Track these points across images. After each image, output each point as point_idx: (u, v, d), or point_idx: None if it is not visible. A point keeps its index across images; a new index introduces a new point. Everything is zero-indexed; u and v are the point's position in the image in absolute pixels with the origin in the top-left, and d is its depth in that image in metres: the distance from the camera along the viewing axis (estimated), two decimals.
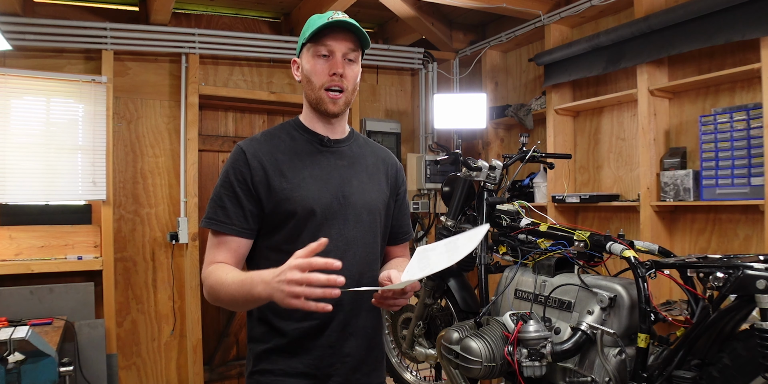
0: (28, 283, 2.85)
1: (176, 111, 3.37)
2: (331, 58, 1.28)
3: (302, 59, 1.33)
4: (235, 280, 1.15)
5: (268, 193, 1.26)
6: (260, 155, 1.29)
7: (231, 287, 1.15)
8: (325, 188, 1.30)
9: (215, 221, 1.26)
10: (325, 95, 1.29)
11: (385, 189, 1.43)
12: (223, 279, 1.18)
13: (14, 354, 1.88)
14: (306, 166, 1.31)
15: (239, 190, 1.26)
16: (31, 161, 2.87)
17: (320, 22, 1.27)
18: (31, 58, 3.02)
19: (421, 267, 1.17)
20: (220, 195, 1.27)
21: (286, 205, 1.26)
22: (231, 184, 1.27)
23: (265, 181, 1.26)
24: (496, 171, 2.17)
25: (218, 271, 1.21)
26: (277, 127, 1.39)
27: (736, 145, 2.36)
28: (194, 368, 3.29)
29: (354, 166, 1.37)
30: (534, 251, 1.91)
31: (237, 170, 1.27)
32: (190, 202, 3.32)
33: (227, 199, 1.26)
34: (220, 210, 1.26)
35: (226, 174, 1.28)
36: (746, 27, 2.27)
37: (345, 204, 1.31)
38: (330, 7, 3.15)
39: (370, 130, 3.87)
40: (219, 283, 1.18)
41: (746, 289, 1.29)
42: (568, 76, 3.12)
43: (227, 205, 1.26)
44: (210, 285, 1.22)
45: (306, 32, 1.30)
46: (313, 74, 1.29)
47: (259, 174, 1.26)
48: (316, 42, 1.28)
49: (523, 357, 1.61)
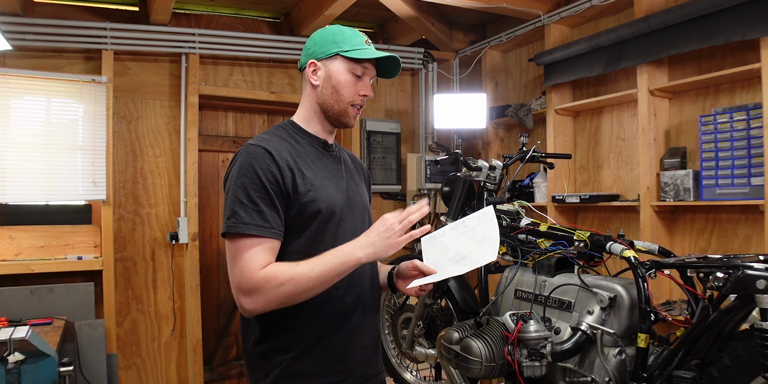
0: (28, 283, 2.85)
1: (176, 111, 3.37)
2: (363, 79, 1.34)
3: (331, 67, 1.33)
4: (318, 264, 1.17)
5: (296, 193, 1.24)
6: (284, 155, 1.26)
7: (315, 271, 1.16)
8: (337, 189, 1.34)
9: (253, 226, 1.18)
10: (352, 110, 1.35)
11: (366, 190, 1.51)
12: (299, 270, 1.16)
13: (14, 354, 1.87)
14: (318, 167, 1.33)
15: (272, 192, 1.21)
16: (31, 161, 2.87)
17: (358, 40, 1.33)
18: (31, 58, 3.02)
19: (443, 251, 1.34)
20: (252, 197, 1.19)
21: (312, 206, 1.25)
22: (263, 184, 1.20)
23: (292, 181, 1.24)
24: (496, 171, 2.16)
25: (283, 267, 1.17)
26: (277, 129, 1.37)
27: (736, 145, 2.36)
28: (194, 368, 3.29)
29: (346, 169, 1.43)
30: (534, 251, 1.91)
31: (267, 170, 1.21)
32: (190, 202, 3.32)
33: (261, 201, 1.20)
34: (256, 213, 1.19)
35: (255, 174, 1.21)
36: (746, 27, 2.27)
37: (351, 205, 1.36)
38: (330, 7, 3.15)
39: (370, 130, 3.87)
40: (297, 274, 1.16)
41: (746, 289, 1.29)
42: (568, 76, 3.12)
43: (263, 208, 1.20)
44: (283, 282, 1.15)
45: (344, 44, 1.32)
46: (345, 88, 1.32)
47: (287, 174, 1.24)
48: (357, 61, 1.32)
49: (523, 357, 1.61)
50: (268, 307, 1.18)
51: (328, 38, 1.33)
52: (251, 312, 1.19)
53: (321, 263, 1.17)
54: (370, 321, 1.40)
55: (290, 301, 1.19)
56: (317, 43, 1.34)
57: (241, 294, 1.17)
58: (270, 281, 1.15)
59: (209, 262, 3.58)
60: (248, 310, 1.18)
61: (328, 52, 1.32)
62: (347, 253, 1.18)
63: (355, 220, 1.36)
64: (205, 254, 3.54)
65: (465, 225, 1.29)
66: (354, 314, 1.34)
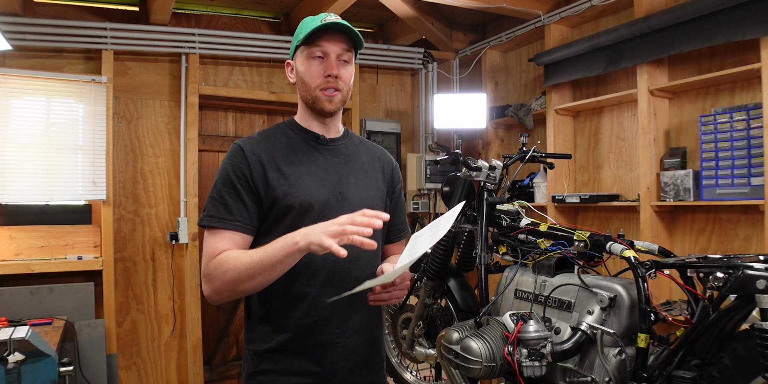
0: (28, 283, 2.85)
1: (176, 111, 3.37)
2: (326, 60, 1.30)
3: (296, 61, 1.35)
4: (259, 251, 1.14)
5: (267, 188, 1.27)
6: (258, 152, 1.29)
7: (256, 256, 1.13)
8: (321, 184, 1.31)
9: (218, 218, 1.24)
10: (321, 94, 1.31)
11: (382, 186, 1.44)
12: (243, 257, 1.16)
13: (14, 354, 1.87)
14: (303, 163, 1.32)
15: (240, 186, 1.26)
16: (31, 161, 2.87)
17: (313, 24, 1.28)
18: (31, 58, 3.02)
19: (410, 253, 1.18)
20: (221, 192, 1.26)
21: (285, 201, 1.26)
22: (231, 180, 1.26)
23: (263, 176, 1.27)
24: (496, 171, 2.16)
25: (231, 254, 1.19)
26: (272, 127, 1.40)
27: (736, 145, 2.36)
28: (194, 368, 3.29)
29: (350, 163, 1.39)
30: (534, 251, 1.91)
31: (236, 167, 1.27)
32: (190, 202, 3.32)
33: (228, 195, 1.25)
34: (222, 207, 1.25)
35: (225, 171, 1.28)
36: (746, 27, 2.27)
37: (342, 200, 1.32)
38: (330, 7, 3.15)
39: (370, 130, 3.87)
40: (238, 260, 1.15)
41: (746, 289, 1.29)
42: (568, 76, 3.12)
43: (229, 202, 1.25)
44: (228, 268, 1.16)
45: (299, 34, 1.31)
46: (307, 76, 1.31)
47: (257, 170, 1.27)
48: (310, 44, 1.29)
49: (523, 357, 1.61)
50: (220, 294, 1.20)
51: (295, 36, 1.35)
52: (209, 298, 1.22)
53: (262, 249, 1.14)
54: (361, 325, 1.35)
55: (239, 288, 1.17)
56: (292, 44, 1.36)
57: (203, 281, 1.23)
58: (218, 268, 1.18)
59: None
60: (209, 296, 1.22)
61: (293, 49, 1.36)
62: (287, 237, 1.12)
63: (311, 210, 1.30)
64: None
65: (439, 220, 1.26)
66: (334, 315, 1.30)
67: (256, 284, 1.17)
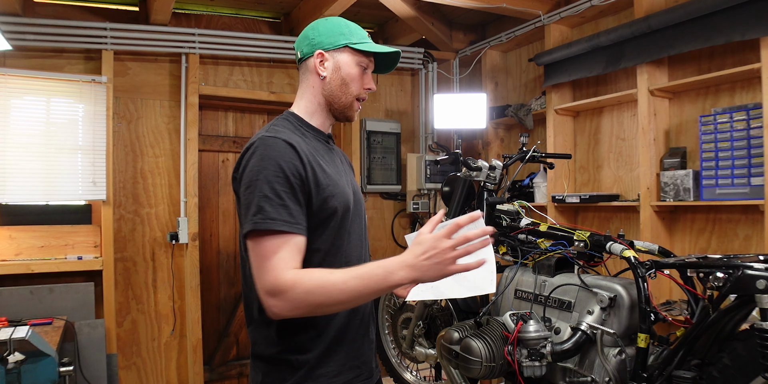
0: (28, 283, 2.85)
1: (176, 111, 3.37)
2: (368, 73, 1.32)
3: (339, 58, 1.29)
4: (354, 276, 1.06)
5: (317, 188, 1.18)
6: (304, 149, 1.20)
7: (350, 284, 1.05)
8: (346, 185, 1.30)
9: (281, 221, 1.10)
10: (356, 104, 1.32)
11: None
12: (332, 279, 1.07)
13: (14, 354, 1.87)
14: (328, 162, 1.28)
15: (296, 186, 1.14)
16: (31, 161, 2.87)
17: (363, 33, 1.32)
18: (31, 58, 3.02)
19: None
20: (277, 192, 1.12)
21: (332, 202, 1.21)
22: (287, 178, 1.13)
23: (314, 176, 1.18)
24: (496, 171, 2.17)
25: (315, 274, 1.09)
26: (281, 122, 1.29)
27: (736, 145, 2.36)
28: (194, 368, 3.29)
29: (343, 162, 1.41)
30: (534, 251, 1.91)
31: (290, 164, 1.14)
32: (190, 202, 3.32)
33: (286, 195, 1.13)
34: (282, 208, 1.11)
35: (279, 168, 1.13)
36: (746, 27, 2.27)
37: (356, 199, 1.33)
38: (330, 7, 3.15)
39: (370, 130, 3.87)
40: (328, 283, 1.06)
41: (746, 289, 1.29)
42: (568, 76, 3.12)
43: (288, 203, 1.12)
44: (310, 289, 1.06)
45: (351, 36, 1.29)
46: (353, 81, 1.30)
47: (309, 169, 1.17)
48: (366, 55, 1.31)
49: (523, 357, 1.61)
50: (294, 313, 1.09)
51: (334, 29, 1.29)
52: (278, 315, 1.09)
53: (358, 276, 1.06)
54: (372, 312, 1.38)
55: (318, 311, 1.10)
56: (323, 33, 1.29)
57: (267, 295, 1.08)
58: (297, 286, 1.06)
59: (209, 262, 3.58)
60: (275, 312, 1.08)
61: (336, 43, 1.28)
62: (389, 271, 1.05)
63: (360, 216, 1.34)
64: (205, 254, 3.54)
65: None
66: (364, 306, 1.32)
67: (341, 309, 1.13)
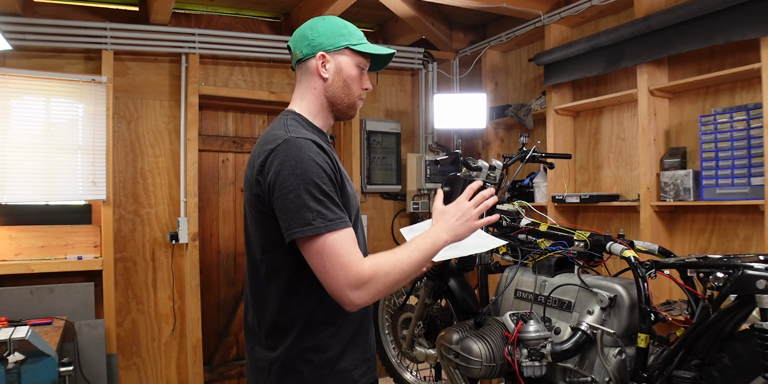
0: (28, 283, 2.85)
1: (176, 111, 3.37)
2: (364, 72, 1.36)
3: (340, 60, 1.31)
4: (412, 250, 1.20)
5: (342, 188, 1.24)
6: (329, 150, 1.25)
7: (414, 256, 1.19)
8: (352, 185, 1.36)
9: (339, 220, 1.16)
10: (358, 103, 1.37)
11: None
12: (398, 257, 1.18)
13: (14, 354, 1.88)
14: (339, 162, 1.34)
15: (336, 183, 1.21)
16: (31, 161, 2.87)
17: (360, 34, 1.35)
18: (31, 58, 3.02)
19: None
20: (326, 192, 1.16)
21: (351, 201, 1.28)
22: (329, 177, 1.18)
23: (341, 177, 1.24)
24: (496, 171, 2.17)
25: (382, 257, 1.18)
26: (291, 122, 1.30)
27: (736, 145, 2.36)
28: (194, 368, 3.29)
29: None
30: (534, 251, 1.91)
31: (325, 163, 1.19)
32: (190, 202, 3.32)
33: (332, 194, 1.18)
34: (336, 206, 1.17)
35: (320, 169, 1.17)
36: (746, 27, 2.27)
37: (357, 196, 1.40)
38: (330, 7, 3.15)
39: (370, 130, 3.87)
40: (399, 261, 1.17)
41: (746, 289, 1.29)
42: (568, 76, 3.12)
43: (336, 200, 1.19)
44: (388, 271, 1.16)
45: (351, 37, 1.31)
46: (354, 82, 1.34)
47: (337, 171, 1.23)
48: (364, 56, 1.34)
49: (523, 357, 1.61)
50: (375, 298, 1.17)
51: (334, 30, 1.31)
52: (359, 306, 1.16)
53: (415, 248, 1.20)
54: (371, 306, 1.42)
55: (393, 289, 1.19)
56: (323, 34, 1.30)
57: (349, 290, 1.13)
58: (377, 273, 1.14)
59: (209, 262, 3.58)
60: (358, 304, 1.15)
61: (337, 44, 1.30)
62: (434, 237, 1.23)
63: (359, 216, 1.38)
64: (205, 254, 3.54)
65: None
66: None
67: (406, 283, 1.25)
